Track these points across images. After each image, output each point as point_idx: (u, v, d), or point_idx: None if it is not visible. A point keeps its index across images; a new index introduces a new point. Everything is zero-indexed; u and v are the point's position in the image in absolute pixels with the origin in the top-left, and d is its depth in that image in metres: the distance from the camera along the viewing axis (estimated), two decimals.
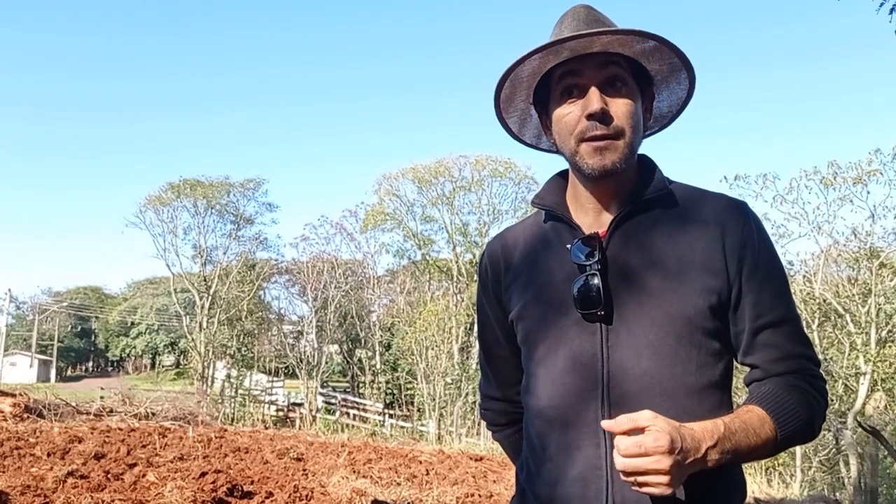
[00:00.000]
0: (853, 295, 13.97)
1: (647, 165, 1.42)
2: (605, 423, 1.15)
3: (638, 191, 1.37)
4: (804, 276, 15.34)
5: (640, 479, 1.08)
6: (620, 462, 1.09)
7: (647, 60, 1.36)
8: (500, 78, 1.38)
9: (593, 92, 1.30)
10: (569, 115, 1.33)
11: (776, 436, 1.23)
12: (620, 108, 1.30)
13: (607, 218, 1.37)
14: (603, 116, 1.28)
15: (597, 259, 1.31)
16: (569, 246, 1.36)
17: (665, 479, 1.07)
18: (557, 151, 1.47)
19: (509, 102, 1.47)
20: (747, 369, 1.36)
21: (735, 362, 1.37)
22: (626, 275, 1.32)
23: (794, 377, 1.30)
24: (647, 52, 1.34)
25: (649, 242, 1.34)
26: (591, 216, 1.39)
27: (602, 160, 1.30)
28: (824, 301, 14.32)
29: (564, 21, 1.37)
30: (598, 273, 1.30)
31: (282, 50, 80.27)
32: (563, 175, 1.48)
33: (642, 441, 1.08)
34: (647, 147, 1.51)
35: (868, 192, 13.65)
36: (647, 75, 1.39)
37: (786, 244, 14.72)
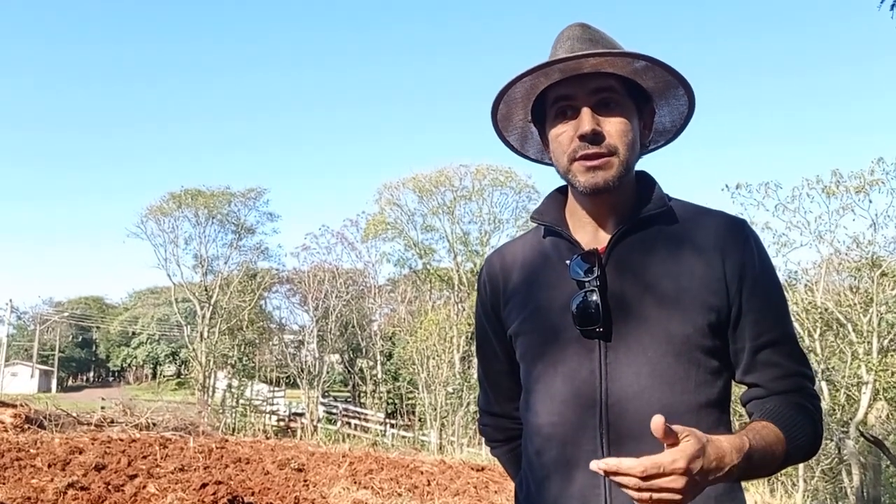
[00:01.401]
0: (855, 304, 13.94)
1: (647, 182, 1.42)
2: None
3: (637, 208, 1.38)
4: (806, 286, 15.32)
5: (655, 496, 1.05)
6: (634, 481, 1.04)
7: (641, 78, 1.36)
8: (494, 100, 1.40)
9: (585, 113, 1.31)
10: (562, 134, 1.33)
11: (787, 452, 1.23)
12: (614, 126, 1.31)
13: (606, 234, 1.37)
14: (594, 137, 1.29)
15: (596, 275, 1.31)
16: (568, 262, 1.36)
17: (677, 497, 1.05)
18: None
19: (507, 121, 1.48)
20: (744, 388, 1.36)
21: (733, 381, 1.37)
22: (625, 292, 1.32)
23: (797, 395, 1.31)
24: (640, 71, 1.35)
25: (648, 260, 1.34)
26: (590, 232, 1.39)
27: (594, 178, 1.31)
28: (826, 310, 14.30)
29: (560, 41, 1.37)
30: (597, 290, 1.30)
31: (282, 58, 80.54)
32: (562, 190, 1.49)
33: (659, 460, 1.04)
34: (648, 157, 1.52)
35: (870, 202, 13.66)
36: (645, 92, 1.39)
37: (787, 253, 14.72)
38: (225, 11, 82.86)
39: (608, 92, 1.32)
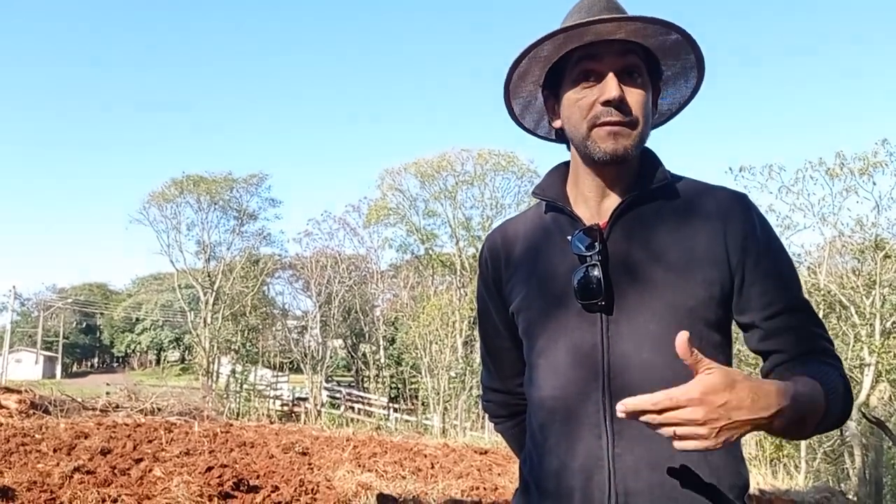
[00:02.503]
0: (858, 286, 13.91)
1: (649, 158, 1.41)
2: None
3: (639, 182, 1.37)
4: (809, 268, 15.29)
5: (679, 430, 1.03)
6: (652, 417, 1.03)
7: (664, 56, 1.36)
8: (519, 55, 1.36)
9: (611, 79, 1.28)
10: (583, 99, 1.31)
11: (826, 407, 1.18)
12: (636, 97, 1.30)
13: (608, 209, 1.37)
14: (620, 104, 1.28)
15: (597, 250, 1.31)
16: (569, 237, 1.36)
17: (702, 429, 1.02)
18: (555, 139, 1.48)
19: (521, 81, 1.44)
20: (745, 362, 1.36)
21: (746, 352, 1.37)
22: (626, 266, 1.32)
23: (822, 356, 1.29)
24: (667, 47, 1.34)
25: (650, 234, 1.34)
26: (591, 207, 1.39)
27: (615, 144, 1.29)
28: (829, 293, 14.27)
29: (582, 8, 1.35)
30: (598, 264, 1.30)
31: (283, 45, 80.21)
32: (563, 166, 1.48)
33: (671, 392, 1.03)
34: (654, 138, 1.52)
35: (874, 184, 13.58)
36: (659, 71, 1.39)
37: (790, 236, 14.67)
38: (226, 4, 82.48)
39: (635, 57, 1.31)
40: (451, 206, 31.54)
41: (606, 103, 1.28)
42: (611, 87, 1.28)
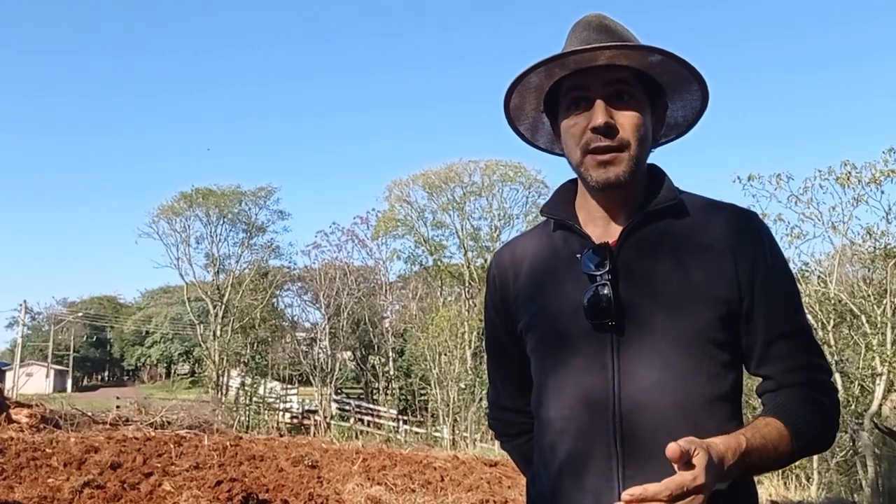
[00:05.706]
0: (868, 295, 13.83)
1: (657, 175, 1.41)
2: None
3: (647, 201, 1.37)
4: (819, 277, 15.21)
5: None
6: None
7: (656, 72, 1.36)
8: (507, 91, 1.39)
9: (598, 105, 1.30)
10: (574, 126, 1.33)
11: (792, 448, 1.23)
12: (626, 120, 1.30)
13: (617, 228, 1.37)
14: (607, 130, 1.29)
15: (607, 269, 1.30)
16: (579, 255, 1.35)
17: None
18: None
19: (520, 111, 1.47)
20: (758, 380, 1.36)
21: (747, 373, 1.37)
22: (636, 285, 1.32)
23: (809, 388, 1.30)
24: (655, 65, 1.34)
25: (660, 253, 1.34)
26: (600, 226, 1.39)
27: (606, 173, 1.30)
28: (839, 302, 14.19)
29: (576, 30, 1.37)
30: (608, 283, 1.29)
31: (291, 60, 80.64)
32: (571, 184, 1.48)
33: (683, 481, 1.05)
34: (660, 152, 1.51)
35: (882, 192, 13.52)
36: (659, 85, 1.39)
37: (800, 245, 14.59)
38: (235, 17, 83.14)
39: (622, 84, 1.32)
40: (459, 217, 31.62)
41: (594, 130, 1.29)
42: (598, 114, 1.29)
